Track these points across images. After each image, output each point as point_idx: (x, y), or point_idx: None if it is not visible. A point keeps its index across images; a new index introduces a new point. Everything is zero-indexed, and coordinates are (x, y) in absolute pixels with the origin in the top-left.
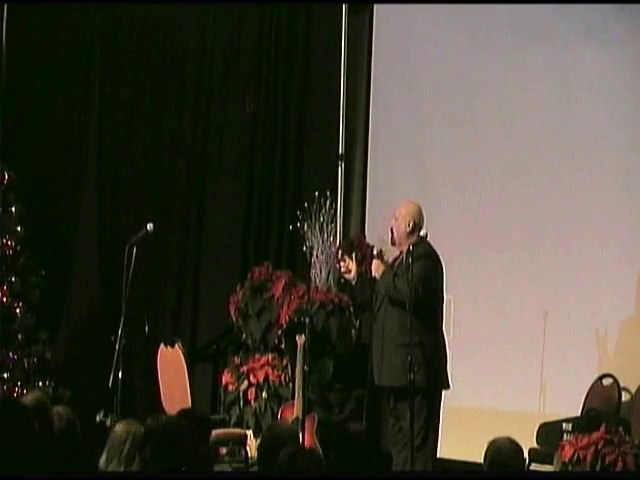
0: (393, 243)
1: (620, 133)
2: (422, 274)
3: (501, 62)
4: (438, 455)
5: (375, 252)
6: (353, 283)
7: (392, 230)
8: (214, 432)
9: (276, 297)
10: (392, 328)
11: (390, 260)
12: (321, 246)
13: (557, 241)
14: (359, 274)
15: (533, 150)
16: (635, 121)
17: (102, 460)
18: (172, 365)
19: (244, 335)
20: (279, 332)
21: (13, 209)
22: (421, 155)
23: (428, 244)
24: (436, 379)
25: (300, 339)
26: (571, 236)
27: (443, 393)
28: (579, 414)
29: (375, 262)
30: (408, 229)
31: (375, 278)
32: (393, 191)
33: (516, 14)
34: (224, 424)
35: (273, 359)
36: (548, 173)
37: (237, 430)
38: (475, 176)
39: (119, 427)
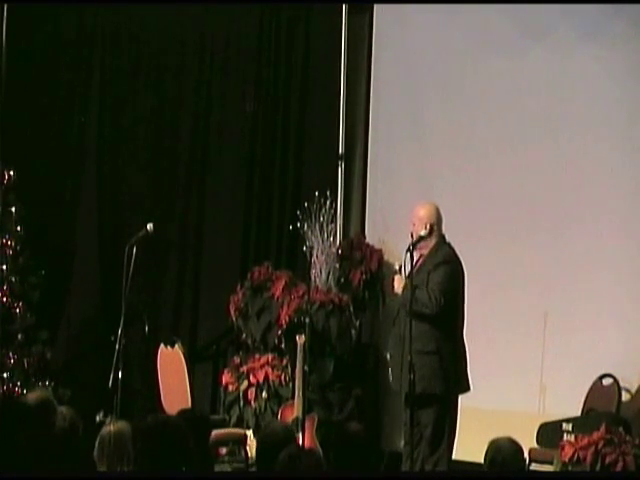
0: (415, 248)
1: (620, 132)
2: (443, 282)
3: (501, 62)
4: None
5: (397, 267)
6: None
7: (412, 235)
8: (214, 432)
9: (276, 297)
10: (412, 334)
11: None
12: (321, 246)
13: (557, 241)
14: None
15: (533, 150)
16: (635, 120)
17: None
18: (172, 365)
19: (244, 335)
20: (279, 332)
21: (13, 209)
22: (421, 155)
23: (449, 246)
24: (453, 385)
25: (300, 339)
26: (571, 236)
27: None
28: (579, 414)
29: (397, 278)
30: (423, 232)
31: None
32: (393, 191)
33: (516, 14)
34: (224, 424)
35: (273, 359)
36: (549, 173)
37: (237, 430)
38: (475, 176)
39: (106, 428)
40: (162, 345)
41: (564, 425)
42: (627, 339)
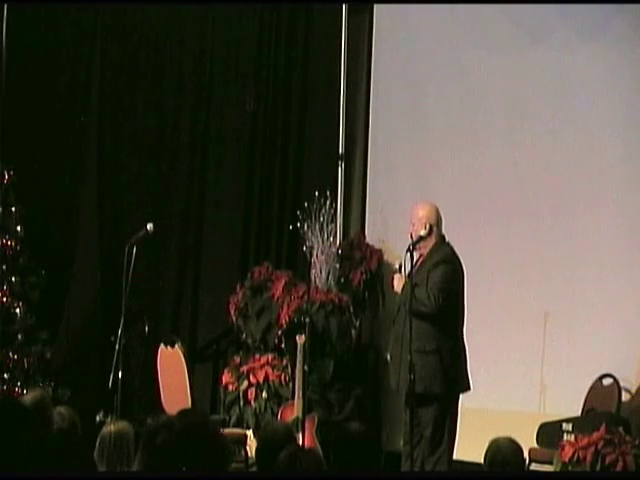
0: (415, 248)
1: (620, 132)
2: (442, 281)
3: (501, 62)
4: None
5: (397, 266)
6: None
7: (411, 236)
8: None
9: (276, 297)
10: (412, 333)
11: (413, 263)
12: (321, 246)
13: (557, 241)
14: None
15: (533, 150)
16: (635, 120)
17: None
18: (172, 365)
19: (244, 335)
20: (279, 332)
21: (13, 209)
22: (421, 155)
23: (448, 246)
24: (453, 385)
25: (300, 339)
26: (571, 236)
27: None
28: (579, 414)
29: (397, 277)
30: (423, 232)
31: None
32: (393, 191)
33: (516, 14)
34: (224, 424)
35: (273, 359)
36: (549, 173)
37: (237, 430)
38: (475, 176)
39: (106, 428)
40: (162, 345)
41: (564, 425)
42: (627, 339)
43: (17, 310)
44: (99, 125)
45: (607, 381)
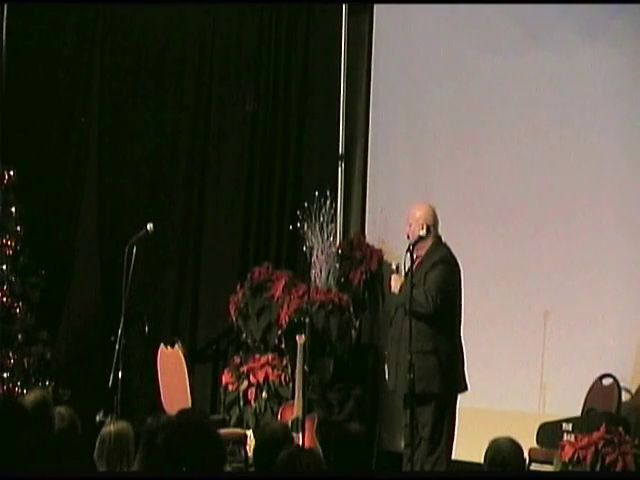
0: (414, 248)
1: (620, 131)
2: (440, 282)
3: (501, 62)
4: None
5: (394, 267)
6: None
7: (408, 236)
8: None
9: (276, 297)
10: (408, 334)
11: (408, 265)
12: (321, 246)
13: (557, 240)
14: None
15: (533, 149)
16: (635, 120)
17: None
18: (172, 365)
19: (244, 335)
20: (279, 332)
21: (13, 209)
22: (421, 155)
23: (446, 247)
24: (451, 385)
25: (300, 339)
26: (571, 236)
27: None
28: (579, 414)
29: (394, 277)
30: (422, 232)
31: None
32: (393, 191)
33: (516, 14)
34: (224, 424)
35: (273, 359)
36: (549, 173)
37: (237, 430)
38: (475, 176)
39: (106, 428)
40: (162, 345)
41: (564, 425)
42: (627, 339)
43: (17, 310)
44: (99, 125)
45: (607, 381)
